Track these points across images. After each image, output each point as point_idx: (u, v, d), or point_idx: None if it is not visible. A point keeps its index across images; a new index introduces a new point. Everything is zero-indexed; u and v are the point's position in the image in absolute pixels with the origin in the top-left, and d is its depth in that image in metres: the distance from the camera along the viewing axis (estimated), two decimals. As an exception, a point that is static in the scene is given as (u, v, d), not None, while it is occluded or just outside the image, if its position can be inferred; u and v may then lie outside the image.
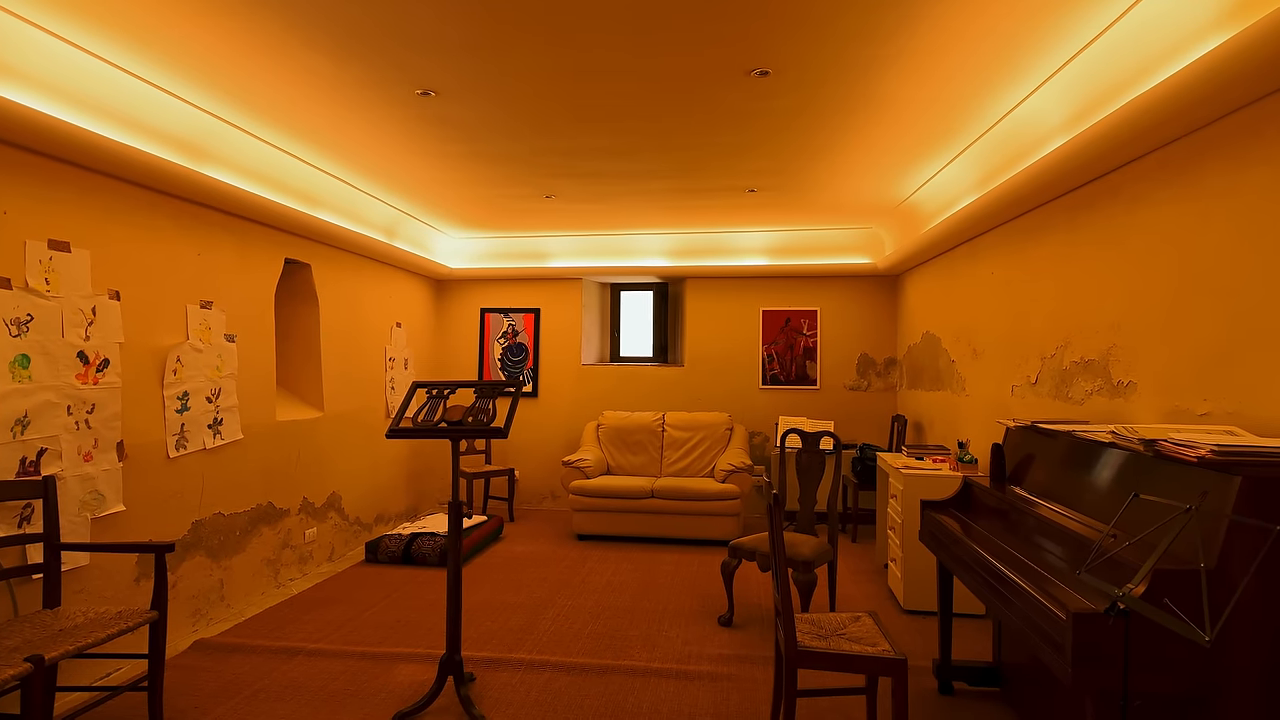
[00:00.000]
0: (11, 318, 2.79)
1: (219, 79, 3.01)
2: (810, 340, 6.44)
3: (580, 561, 5.07)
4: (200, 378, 3.80)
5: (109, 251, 3.24)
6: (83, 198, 3.12)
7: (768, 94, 3.14)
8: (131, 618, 2.64)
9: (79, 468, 3.07)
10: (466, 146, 3.92)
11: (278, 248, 4.49)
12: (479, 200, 5.17)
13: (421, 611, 4.05)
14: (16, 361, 2.80)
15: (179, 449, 3.64)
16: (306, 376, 4.97)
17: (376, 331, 5.77)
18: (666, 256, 6.47)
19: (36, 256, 2.89)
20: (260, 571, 4.31)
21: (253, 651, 3.48)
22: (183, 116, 3.30)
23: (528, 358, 6.91)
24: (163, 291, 3.56)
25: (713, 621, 3.88)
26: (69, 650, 2.37)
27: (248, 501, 4.19)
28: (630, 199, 5.11)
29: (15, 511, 2.79)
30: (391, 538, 5.08)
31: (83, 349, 3.09)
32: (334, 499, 5.12)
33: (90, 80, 2.84)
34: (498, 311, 6.97)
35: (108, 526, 3.22)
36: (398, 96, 3.21)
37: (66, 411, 3.02)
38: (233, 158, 3.71)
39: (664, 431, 6.16)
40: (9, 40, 2.51)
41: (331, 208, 4.69)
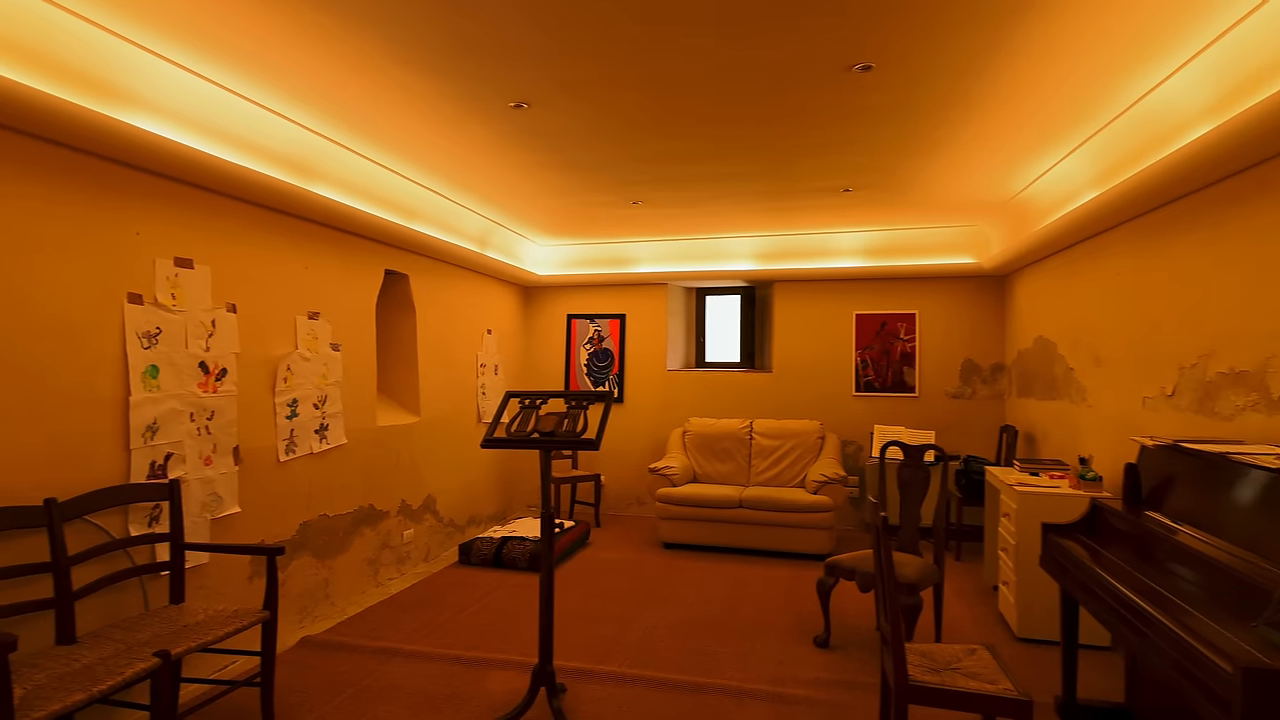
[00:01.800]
0: (143, 331, 2.97)
1: (325, 100, 3.13)
2: (908, 345, 6.16)
3: (667, 570, 5.01)
4: (308, 385, 3.96)
5: (227, 267, 3.43)
6: (204, 217, 3.31)
7: (869, 88, 2.99)
8: (246, 616, 2.76)
9: (200, 471, 3.25)
10: (556, 156, 3.94)
11: (378, 259, 4.65)
12: (567, 208, 5.20)
13: (512, 617, 4.09)
14: (147, 372, 2.99)
15: (288, 453, 3.81)
16: (404, 383, 5.13)
17: (468, 338, 5.90)
18: (754, 260, 6.34)
19: (164, 273, 3.08)
20: (361, 571, 4.47)
21: (354, 650, 3.59)
22: (293, 137, 3.45)
23: (613, 363, 6.91)
24: (274, 304, 3.73)
25: (808, 641, 3.74)
26: (192, 646, 2.50)
27: (350, 503, 4.35)
28: (718, 202, 5.02)
29: (146, 512, 2.98)
30: (483, 540, 5.17)
31: (204, 359, 3.27)
32: (429, 501, 5.26)
33: (210, 107, 3.00)
34: (584, 317, 7.01)
35: (225, 527, 3.40)
36: (492, 110, 3.25)
37: (189, 418, 3.20)
38: (338, 175, 3.85)
39: (752, 439, 6.03)
40: (142, 74, 2.68)
41: (428, 219, 4.83)
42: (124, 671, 2.26)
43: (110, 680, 2.20)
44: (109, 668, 2.29)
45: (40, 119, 2.43)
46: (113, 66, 2.58)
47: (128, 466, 2.91)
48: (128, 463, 2.91)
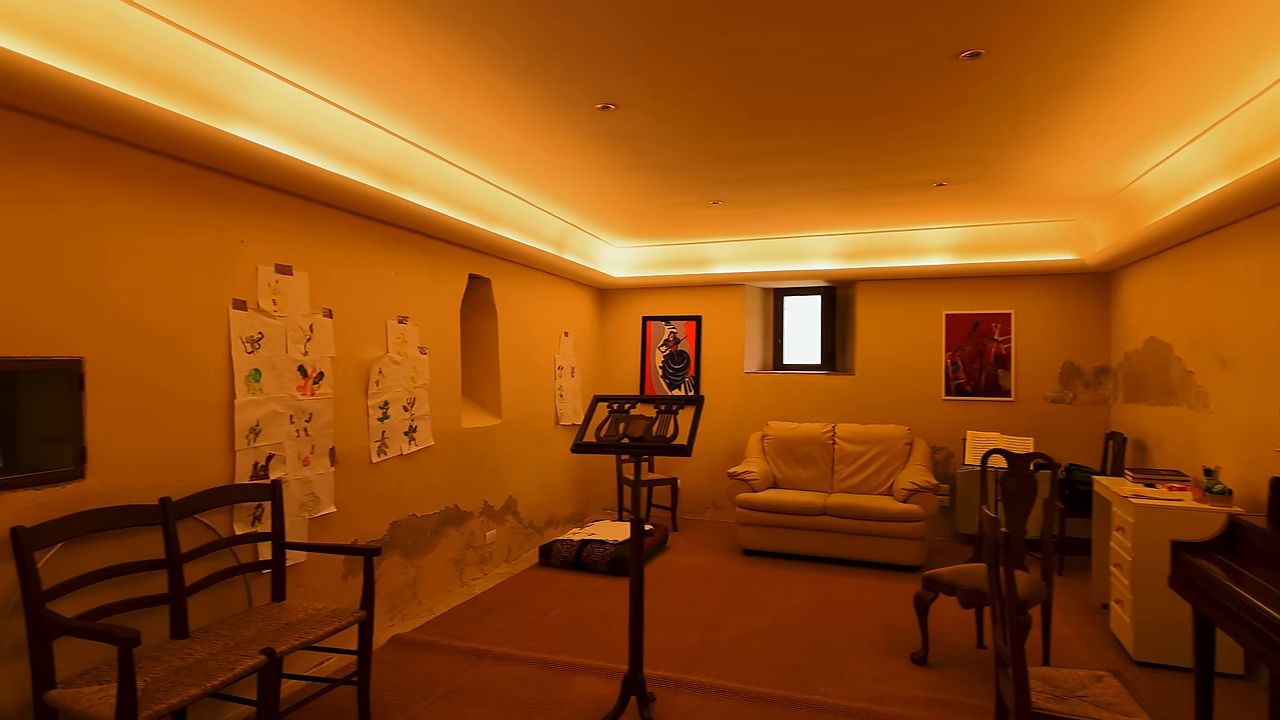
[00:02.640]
0: (247, 336, 3.08)
1: (417, 107, 3.17)
2: (1003, 346, 5.86)
3: (749, 578, 4.90)
4: (398, 388, 4.04)
5: (323, 273, 3.52)
6: (302, 225, 3.40)
7: (976, 76, 2.83)
8: (344, 616, 2.82)
9: (299, 472, 3.35)
10: (639, 158, 3.90)
11: (463, 264, 4.72)
12: (646, 210, 5.16)
13: (596, 621, 4.07)
14: (250, 376, 3.09)
15: (380, 455, 3.89)
16: (486, 385, 5.19)
17: (546, 341, 5.93)
18: (836, 259, 6.16)
19: (266, 280, 3.19)
20: (447, 571, 4.54)
21: (443, 650, 3.63)
22: (384, 145, 3.52)
23: (689, 366, 6.84)
24: (366, 308, 3.82)
25: (904, 658, 3.57)
26: (295, 645, 2.55)
27: (437, 504, 4.42)
28: (800, 200, 4.88)
29: (249, 512, 3.08)
30: (563, 543, 5.18)
31: (302, 363, 3.37)
32: (511, 502, 5.31)
33: (308, 117, 3.08)
34: (659, 319, 6.96)
35: (321, 526, 3.49)
36: (579, 112, 3.23)
37: (289, 420, 3.30)
38: (425, 181, 3.92)
39: (835, 444, 5.85)
40: (246, 86, 2.77)
41: (509, 223, 4.87)
42: (234, 668, 2.32)
43: (221, 676, 2.26)
44: (220, 663, 2.36)
45: (156, 133, 2.53)
46: (220, 80, 2.68)
47: (233, 467, 3.02)
48: (233, 464, 3.02)
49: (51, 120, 2.35)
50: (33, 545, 2.18)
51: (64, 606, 2.35)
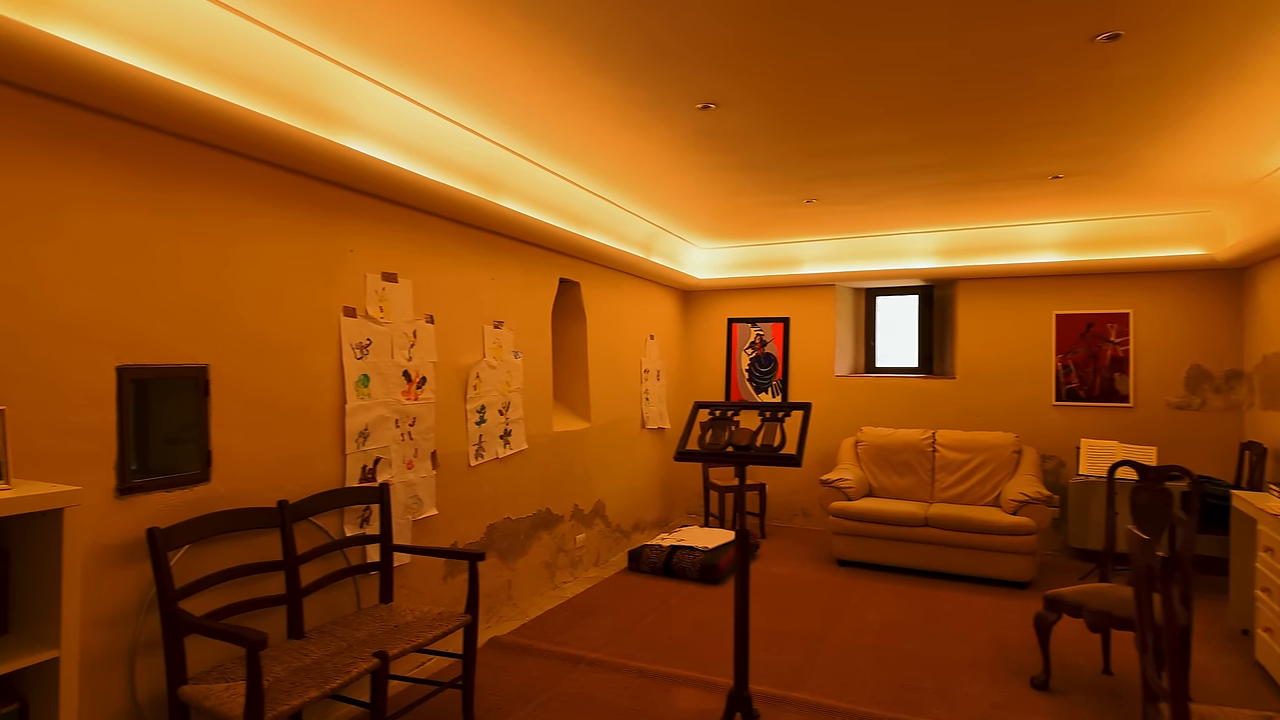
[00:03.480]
0: (356, 342, 3.15)
1: (516, 111, 3.18)
2: (1120, 349, 5.46)
3: (846, 591, 4.73)
4: (494, 393, 4.08)
5: (425, 280, 3.58)
6: (406, 233, 3.47)
7: (1115, 60, 2.61)
8: (450, 620, 2.84)
9: (403, 475, 3.41)
10: (735, 157, 3.81)
11: (554, 269, 4.74)
12: (737, 210, 5.06)
13: (690, 630, 4.00)
14: (359, 381, 3.16)
15: (477, 458, 3.94)
16: (575, 389, 5.20)
17: (633, 344, 5.90)
18: (935, 257, 5.88)
19: (373, 288, 3.26)
20: (539, 573, 4.56)
21: (540, 655, 3.64)
22: (482, 152, 3.55)
23: (776, 369, 6.68)
24: (464, 314, 3.87)
25: (1022, 681, 3.35)
26: (406, 648, 2.58)
27: (530, 507, 4.44)
28: (899, 196, 4.68)
29: (358, 514, 3.15)
30: (652, 548, 5.13)
31: (407, 368, 3.43)
32: (599, 506, 5.30)
33: (412, 126, 3.13)
34: (745, 321, 6.83)
35: (423, 528, 3.55)
36: (679, 112, 3.17)
37: (394, 425, 3.36)
38: (520, 187, 3.94)
39: (935, 452, 5.58)
40: (354, 97, 2.83)
41: (598, 227, 4.86)
42: (349, 670, 2.36)
43: (339, 678, 2.31)
44: (336, 665, 2.41)
45: (276, 147, 2.61)
46: (331, 92, 2.74)
47: (343, 471, 3.10)
48: (343, 467, 3.10)
49: (184, 138, 2.45)
50: (167, 546, 2.27)
51: (191, 605, 2.45)
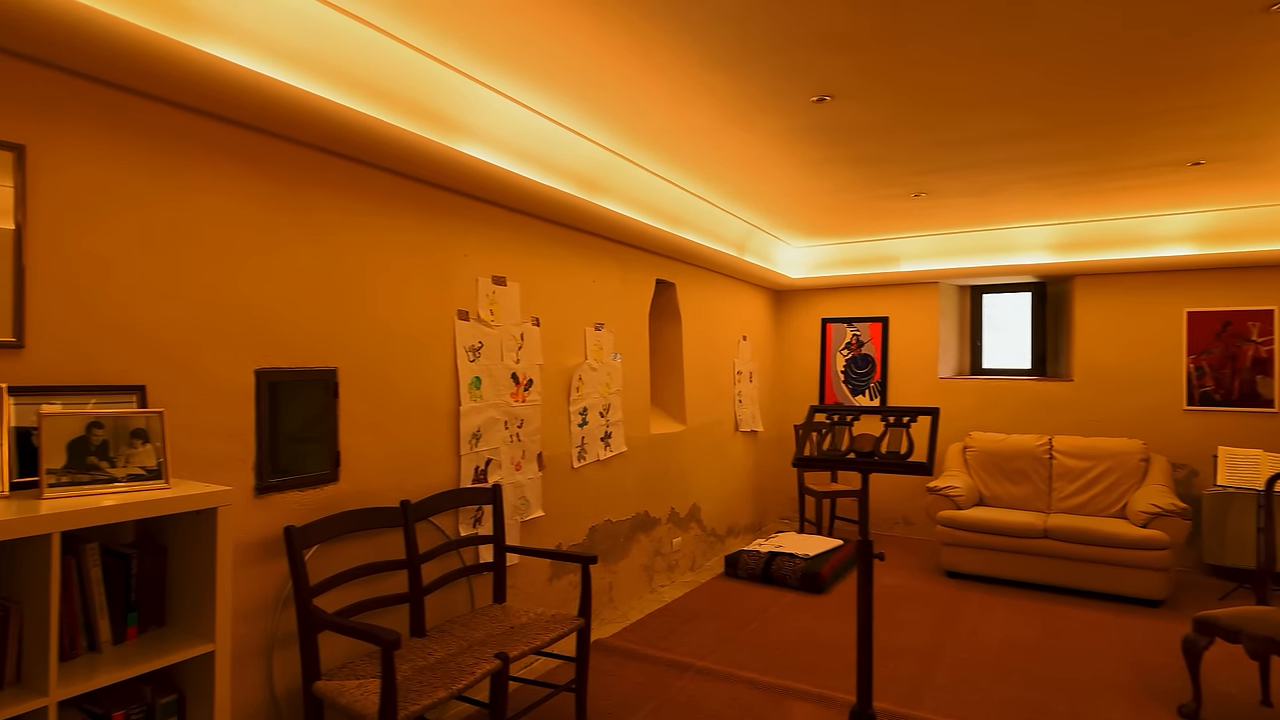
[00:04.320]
0: (469, 345, 3.20)
1: (621, 110, 3.14)
2: (1262, 349, 5.00)
3: (959, 604, 4.50)
4: (595, 395, 4.08)
5: (531, 283, 3.60)
6: (513, 237, 3.50)
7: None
8: (565, 623, 2.83)
9: (511, 476, 3.44)
10: (846, 150, 3.67)
11: (651, 269, 4.70)
12: (839, 206, 4.90)
13: (796, 640, 3.88)
14: (472, 383, 3.21)
15: (580, 460, 3.94)
16: (671, 391, 5.15)
17: (726, 346, 5.81)
18: (1049, 251, 5.54)
19: (485, 291, 3.29)
20: (638, 577, 4.53)
21: (646, 660, 3.60)
22: (585, 153, 3.54)
23: (874, 370, 6.45)
24: (567, 316, 3.88)
25: (1166, 710, 3.09)
26: (525, 650, 2.58)
27: (629, 510, 4.42)
28: (1017, 188, 4.42)
29: (471, 515, 3.19)
30: (750, 554, 5.03)
31: (515, 371, 3.46)
32: (694, 510, 5.23)
33: (520, 129, 3.14)
34: (840, 321, 6.63)
35: (530, 529, 3.57)
36: (792, 105, 3.06)
37: (504, 426, 3.39)
38: (620, 188, 3.92)
39: (1052, 459, 5.25)
40: (467, 101, 2.85)
41: (693, 227, 4.79)
42: (473, 671, 2.38)
43: (464, 679, 2.32)
44: (460, 666, 2.43)
45: (400, 154, 2.66)
46: (445, 97, 2.77)
47: (458, 471, 3.14)
48: (458, 468, 3.14)
49: (311, 146, 2.53)
50: (302, 544, 2.34)
51: (322, 603, 2.52)
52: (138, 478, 1.77)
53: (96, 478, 1.71)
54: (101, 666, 1.68)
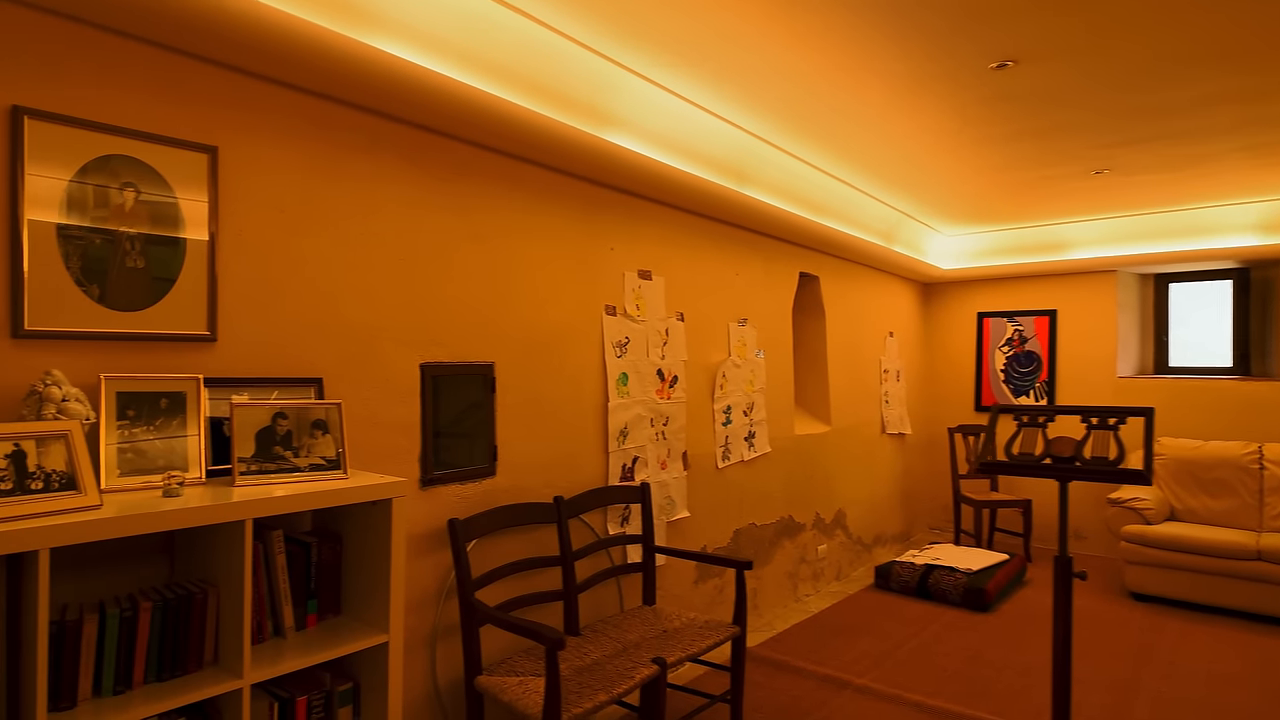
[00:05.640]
0: (616, 341, 3.13)
1: (773, 91, 2.96)
2: None
3: (1151, 631, 3.96)
4: (738, 393, 3.92)
5: (675, 277, 3.50)
6: (658, 229, 3.41)
7: None
8: (720, 630, 2.70)
9: (657, 475, 3.35)
10: (1022, 125, 3.31)
11: (793, 262, 4.49)
12: (1005, 187, 4.47)
13: (964, 662, 3.54)
14: (619, 379, 3.14)
15: (724, 460, 3.79)
16: (815, 390, 4.90)
17: (872, 342, 5.47)
18: (1258, 232, 4.81)
19: (631, 286, 3.23)
20: (782, 584, 4.33)
21: (799, 674, 3.40)
22: (730, 141, 3.39)
23: (1040, 368, 5.87)
24: (710, 311, 3.75)
25: None
26: (682, 656, 2.47)
27: (773, 514, 4.23)
28: (1219, 161, 3.84)
29: (619, 513, 3.13)
30: (904, 565, 4.69)
31: (660, 367, 3.37)
32: (840, 516, 4.95)
33: (665, 117, 3.03)
34: (1000, 315, 6.09)
35: (675, 530, 3.47)
36: (969, 75, 2.77)
37: (649, 424, 3.31)
38: (765, 176, 3.74)
39: (1263, 470, 4.55)
40: (616, 91, 2.78)
41: (838, 215, 4.52)
42: (633, 675, 2.29)
43: (623, 684, 2.24)
44: (618, 669, 2.35)
45: (548, 146, 2.63)
46: (596, 87, 2.70)
47: (606, 469, 3.08)
48: (606, 465, 3.09)
49: (467, 141, 2.54)
50: (465, 537, 2.34)
51: (481, 597, 2.52)
52: (318, 467, 1.80)
53: (282, 466, 1.76)
54: (287, 652, 1.72)
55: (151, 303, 1.77)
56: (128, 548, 1.70)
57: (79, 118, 1.66)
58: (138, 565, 1.72)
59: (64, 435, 1.43)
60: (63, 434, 1.43)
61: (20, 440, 1.37)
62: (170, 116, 1.82)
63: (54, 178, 1.62)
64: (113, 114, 1.72)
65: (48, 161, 1.62)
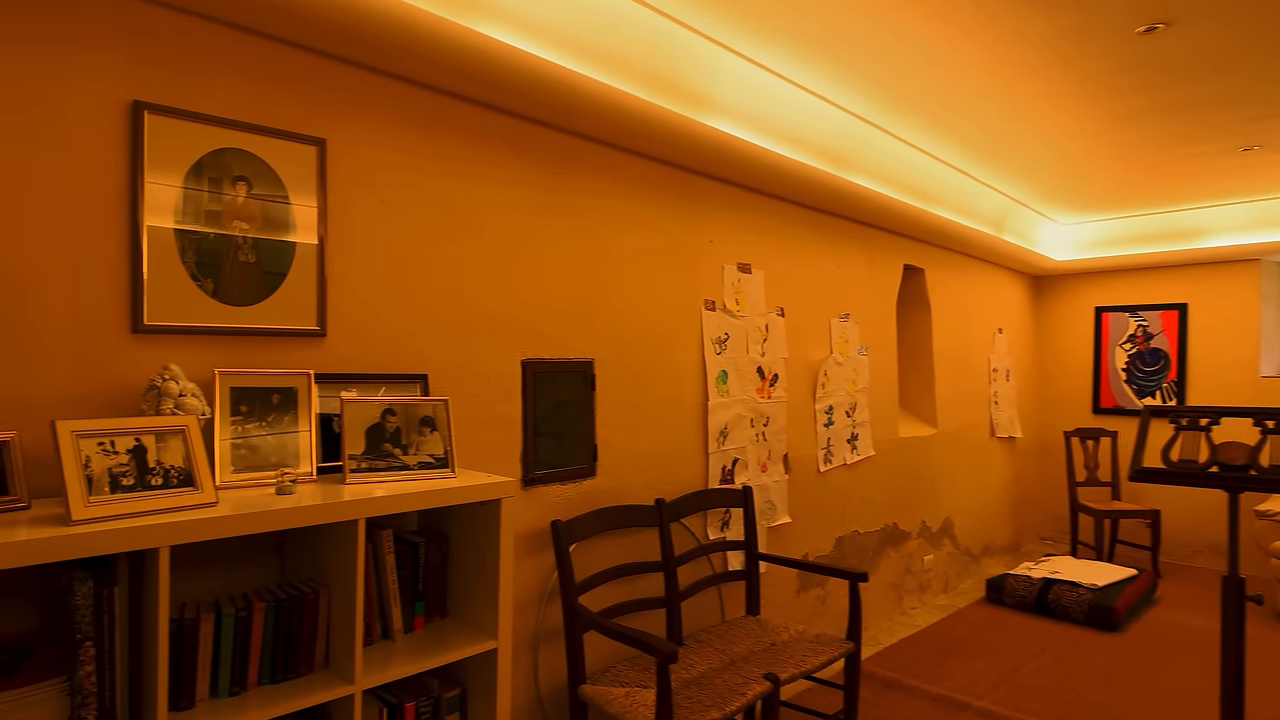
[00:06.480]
0: (715, 337, 3.00)
1: (873, 73, 2.77)
2: None
3: (1318, 662, 3.53)
4: (840, 392, 3.71)
5: (775, 270, 3.34)
6: (758, 221, 3.25)
7: None
8: (833, 645, 2.52)
9: (758, 478, 3.19)
10: (1167, 94, 2.99)
11: (897, 254, 4.24)
12: (1134, 168, 4.08)
13: (1096, 687, 3.23)
14: (719, 377, 3.00)
15: (826, 463, 3.60)
16: (919, 390, 4.62)
17: (980, 339, 5.13)
18: None
19: (730, 279, 3.08)
20: (886, 595, 4.08)
21: (911, 692, 3.17)
22: (833, 124, 3.20)
23: (1167, 368, 5.38)
24: (811, 306, 3.56)
25: None
26: (796, 673, 2.31)
27: (877, 521, 3.99)
28: (1407, 128, 3.37)
29: (719, 518, 2.99)
30: (1019, 579, 4.35)
31: (760, 364, 3.21)
32: (947, 524, 4.65)
33: (765, 100, 2.87)
34: (1121, 310, 5.62)
35: (776, 536, 3.30)
36: (1110, 38, 2.50)
37: (749, 424, 3.15)
38: (869, 162, 3.52)
39: None
40: (712, 72, 2.63)
41: (945, 203, 4.24)
42: (745, 692, 2.15)
43: (735, 701, 2.10)
44: (727, 684, 2.22)
45: (647, 133, 2.51)
46: (693, 69, 2.57)
47: (706, 470, 2.95)
48: (706, 467, 2.95)
49: (568, 131, 2.46)
50: (568, 539, 2.26)
51: (584, 601, 2.43)
52: (427, 466, 1.74)
53: (391, 464, 1.70)
54: (395, 655, 1.66)
55: (263, 297, 1.76)
56: (240, 545, 1.68)
57: (194, 111, 1.66)
58: (250, 563, 1.70)
59: (182, 431, 1.41)
60: (180, 429, 1.41)
61: (141, 435, 1.35)
62: (279, 109, 1.80)
63: (170, 185, 1.61)
64: (225, 107, 1.71)
65: (164, 161, 1.61)
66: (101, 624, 1.27)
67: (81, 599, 1.25)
